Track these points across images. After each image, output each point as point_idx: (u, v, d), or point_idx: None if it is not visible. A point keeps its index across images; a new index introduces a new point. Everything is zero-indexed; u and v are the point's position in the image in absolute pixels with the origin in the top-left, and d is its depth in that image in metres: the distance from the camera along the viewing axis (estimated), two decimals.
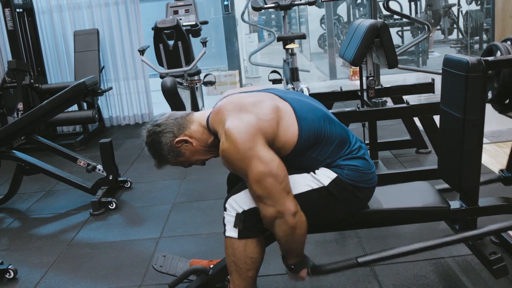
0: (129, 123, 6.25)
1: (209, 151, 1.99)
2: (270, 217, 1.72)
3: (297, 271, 1.88)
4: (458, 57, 1.87)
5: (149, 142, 1.98)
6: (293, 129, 1.78)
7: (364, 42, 3.17)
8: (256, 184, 1.69)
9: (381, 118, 3.68)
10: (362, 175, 1.86)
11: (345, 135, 1.90)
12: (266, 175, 1.68)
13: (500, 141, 4.04)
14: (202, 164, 2.07)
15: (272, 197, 1.69)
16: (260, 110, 1.77)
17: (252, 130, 1.71)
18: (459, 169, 1.91)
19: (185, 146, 1.95)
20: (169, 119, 1.97)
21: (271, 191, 1.69)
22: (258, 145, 1.70)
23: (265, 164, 1.68)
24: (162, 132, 1.95)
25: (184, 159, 1.99)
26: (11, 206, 3.75)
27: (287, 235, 1.75)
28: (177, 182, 3.92)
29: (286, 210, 1.69)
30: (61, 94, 3.45)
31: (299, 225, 1.73)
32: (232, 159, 1.72)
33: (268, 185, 1.68)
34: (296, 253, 1.85)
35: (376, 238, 2.67)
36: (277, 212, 1.70)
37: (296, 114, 1.81)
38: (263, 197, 1.70)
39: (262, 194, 1.70)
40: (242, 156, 1.69)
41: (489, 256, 1.91)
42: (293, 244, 1.80)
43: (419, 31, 8.35)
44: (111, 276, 2.60)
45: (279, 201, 1.69)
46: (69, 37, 5.99)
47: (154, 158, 2.03)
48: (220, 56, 8.64)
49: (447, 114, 1.96)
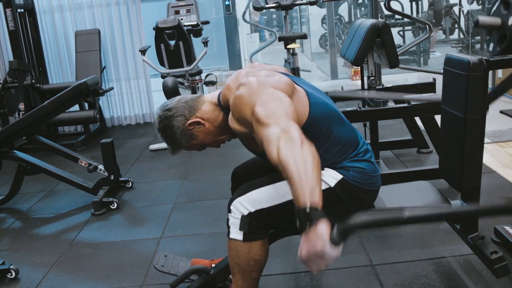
0: (130, 123, 6.26)
1: (223, 132, 1.97)
2: (274, 136, 1.52)
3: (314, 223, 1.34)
4: (459, 57, 1.87)
5: (161, 128, 1.97)
6: (304, 107, 1.77)
7: (365, 42, 3.17)
8: (261, 106, 1.63)
9: (382, 118, 3.68)
10: (367, 178, 1.85)
11: (353, 136, 1.89)
12: (271, 99, 1.65)
13: (501, 140, 4.04)
14: (216, 146, 2.04)
15: (276, 116, 1.58)
16: (272, 79, 1.76)
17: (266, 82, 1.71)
18: (460, 168, 1.91)
19: (198, 128, 1.94)
20: (179, 103, 1.96)
21: (275, 111, 1.61)
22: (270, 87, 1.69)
23: (273, 94, 1.67)
24: (173, 116, 1.93)
25: (198, 142, 1.98)
26: (13, 206, 3.75)
27: (294, 153, 1.45)
28: (178, 182, 3.92)
29: (291, 126, 1.54)
30: (63, 94, 3.46)
31: (308, 142, 1.49)
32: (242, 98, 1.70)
33: (272, 106, 1.63)
34: (310, 187, 1.39)
35: (377, 238, 2.67)
36: (282, 130, 1.52)
37: (309, 98, 1.80)
38: (266, 117, 1.59)
39: (266, 114, 1.60)
40: (253, 91, 1.68)
41: (490, 256, 1.90)
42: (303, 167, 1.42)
43: (420, 31, 8.34)
44: (112, 276, 2.60)
45: (283, 119, 1.57)
46: (70, 37, 5.99)
47: (168, 144, 2.01)
48: (221, 56, 8.64)
49: (449, 113, 1.96)
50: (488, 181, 3.16)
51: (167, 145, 2.03)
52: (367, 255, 2.51)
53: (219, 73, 7.56)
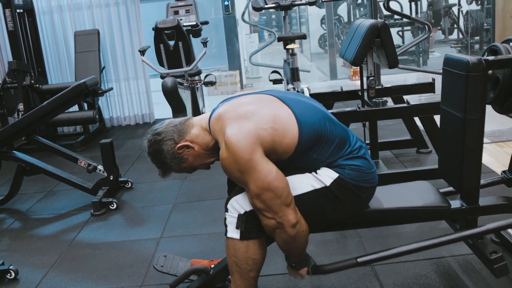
0: (130, 123, 6.26)
1: (212, 155, 1.98)
2: (270, 227, 1.76)
3: (298, 269, 1.95)
4: (459, 57, 1.87)
5: (151, 152, 1.98)
6: (293, 133, 1.78)
7: (364, 42, 3.17)
8: (256, 198, 1.72)
9: (381, 118, 3.68)
10: (363, 175, 1.86)
11: (345, 135, 1.90)
12: (265, 190, 1.69)
13: (500, 140, 4.04)
14: (207, 168, 2.06)
15: (272, 210, 1.72)
16: (259, 117, 1.77)
17: (251, 140, 1.71)
18: (459, 168, 1.91)
19: (187, 152, 1.95)
20: (168, 127, 1.97)
21: (270, 205, 1.71)
22: (257, 156, 1.70)
23: (264, 178, 1.69)
24: (162, 140, 1.94)
25: (188, 165, 1.99)
26: (12, 207, 3.75)
27: (287, 243, 1.80)
28: (178, 182, 3.92)
29: (285, 222, 1.73)
30: (62, 94, 3.46)
31: (299, 234, 1.77)
32: (231, 170, 1.74)
33: (267, 199, 1.70)
34: (297, 255, 1.91)
35: (376, 237, 2.67)
36: (277, 223, 1.73)
37: (296, 116, 1.80)
38: (262, 210, 1.73)
39: (262, 207, 1.73)
40: (241, 168, 1.70)
41: (490, 255, 1.91)
42: (294, 249, 1.86)
43: (419, 31, 8.35)
44: (112, 276, 2.60)
45: (278, 214, 1.72)
46: (69, 37, 5.99)
47: (158, 167, 2.02)
48: (220, 56, 8.65)
49: (448, 113, 1.96)
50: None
51: (157, 168, 2.04)
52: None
53: (218, 73, 7.57)
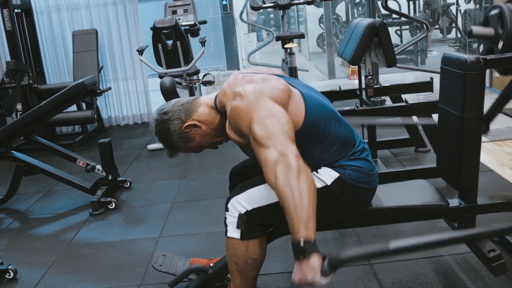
0: (128, 123, 6.26)
1: (219, 133, 1.97)
2: (271, 160, 1.55)
3: (306, 256, 1.45)
4: (457, 56, 1.87)
5: (158, 132, 1.98)
6: (300, 111, 1.77)
7: (362, 41, 3.17)
8: (258, 124, 1.63)
9: (380, 117, 3.68)
10: (364, 176, 1.86)
11: (350, 135, 1.89)
12: (269, 116, 1.64)
13: (498, 139, 4.05)
14: (214, 147, 2.05)
15: (274, 137, 1.59)
16: (271, 83, 1.77)
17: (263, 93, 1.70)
18: (458, 167, 1.91)
19: (194, 131, 1.94)
20: (175, 106, 1.96)
21: (273, 131, 1.61)
22: (266, 99, 1.68)
23: (270, 110, 1.66)
24: (169, 119, 1.94)
25: (195, 144, 1.98)
26: (11, 207, 3.75)
27: (291, 182, 1.50)
28: (177, 181, 3.92)
29: (288, 150, 1.56)
30: (60, 94, 3.45)
31: (304, 169, 1.53)
32: (238, 110, 1.69)
33: (269, 124, 1.62)
34: (305, 221, 1.47)
35: (375, 236, 2.67)
36: (279, 154, 1.54)
37: (305, 100, 1.80)
38: (264, 138, 1.60)
39: (264, 134, 1.61)
40: (250, 104, 1.67)
41: (488, 254, 1.91)
42: (299, 198, 1.48)
43: (417, 30, 8.35)
44: (111, 275, 2.60)
45: (280, 141, 1.58)
46: (67, 37, 5.99)
47: (165, 147, 2.02)
48: (218, 55, 8.65)
49: (446, 112, 1.97)
50: (485, 179, 3.17)
51: (165, 148, 2.04)
52: None
53: (216, 73, 7.55)
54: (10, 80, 5.02)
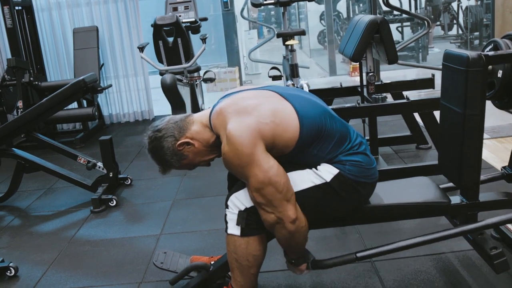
0: (129, 120, 6.25)
1: (212, 151, 1.98)
2: (270, 223, 1.76)
3: (297, 265, 1.97)
4: (458, 52, 1.87)
5: (151, 149, 1.98)
6: (294, 128, 1.78)
7: (363, 38, 3.16)
8: (256, 192, 1.72)
9: (381, 114, 3.68)
10: (363, 170, 1.86)
11: (345, 130, 1.89)
12: (265, 184, 1.69)
13: (500, 136, 4.04)
14: (207, 165, 2.06)
15: (272, 205, 1.72)
16: (260, 112, 1.77)
17: (252, 134, 1.71)
18: (459, 164, 1.91)
19: (188, 148, 1.94)
20: (169, 123, 1.96)
21: (270, 199, 1.72)
22: (258, 150, 1.70)
23: (265, 173, 1.69)
24: (163, 137, 1.94)
25: (188, 162, 1.99)
26: (12, 204, 3.75)
27: (286, 239, 1.81)
28: (177, 179, 3.92)
29: (285, 217, 1.73)
30: (61, 91, 3.45)
31: (299, 230, 1.78)
32: (232, 164, 1.74)
33: (267, 194, 1.71)
34: (297, 251, 1.93)
35: (376, 233, 2.67)
36: (277, 219, 1.74)
37: (297, 111, 1.80)
38: (262, 204, 1.74)
39: (262, 202, 1.73)
40: (243, 162, 1.70)
41: (490, 251, 1.91)
42: (293, 246, 1.87)
43: (419, 27, 8.34)
44: (112, 273, 2.60)
45: (278, 209, 1.72)
46: (68, 34, 5.98)
47: (158, 164, 2.02)
48: (219, 52, 8.64)
49: (447, 109, 1.96)
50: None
51: (157, 165, 2.03)
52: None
53: (217, 70, 7.55)
54: (11, 77, 5.02)
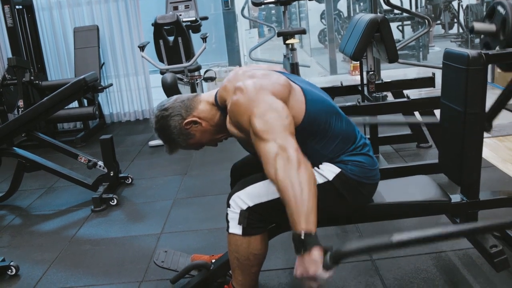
0: (130, 119, 6.25)
1: (220, 130, 1.96)
2: (271, 154, 1.56)
3: (308, 248, 1.45)
4: (459, 51, 1.87)
5: (158, 128, 1.97)
6: (301, 106, 1.76)
7: (364, 37, 3.16)
8: (259, 118, 1.63)
9: (381, 112, 3.67)
10: (366, 171, 1.85)
11: (351, 131, 1.89)
12: (269, 110, 1.64)
13: (501, 135, 4.04)
14: (214, 145, 2.04)
15: (274, 131, 1.60)
16: (272, 78, 1.76)
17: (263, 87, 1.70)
18: (459, 163, 1.91)
19: (195, 127, 1.93)
20: (175, 102, 1.95)
21: (272, 124, 1.61)
22: (267, 94, 1.68)
23: (270, 104, 1.66)
24: (170, 115, 1.93)
25: (195, 141, 1.97)
26: (12, 203, 3.75)
27: (291, 175, 1.51)
28: (178, 178, 3.92)
29: (288, 143, 1.57)
30: (62, 90, 3.45)
31: (304, 163, 1.54)
32: (239, 105, 1.69)
33: (270, 118, 1.62)
34: (305, 213, 1.48)
35: (377, 232, 2.67)
36: (279, 147, 1.55)
37: (306, 96, 1.80)
38: (264, 131, 1.60)
39: (263, 128, 1.61)
40: (250, 99, 1.67)
41: (490, 250, 1.91)
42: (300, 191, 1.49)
43: (419, 26, 8.33)
44: (112, 272, 2.61)
45: (280, 135, 1.59)
46: (69, 33, 5.98)
47: (165, 143, 2.02)
48: (220, 51, 8.63)
49: (448, 108, 1.96)
50: (487, 175, 3.16)
51: (164, 144, 2.03)
52: None
53: (218, 69, 7.54)
54: (12, 77, 5.02)
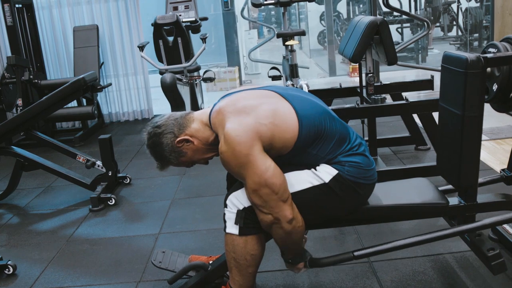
0: (129, 119, 6.25)
1: (211, 149, 1.98)
2: (267, 223, 1.77)
3: (295, 264, 1.98)
4: (457, 54, 1.87)
5: (150, 144, 1.98)
6: (293, 128, 1.78)
7: (363, 39, 3.16)
8: (253, 193, 1.73)
9: (380, 114, 3.68)
10: (362, 172, 1.86)
11: (345, 131, 1.90)
12: (261, 186, 1.70)
13: (499, 138, 4.05)
14: (205, 163, 2.06)
15: (268, 206, 1.73)
16: (259, 113, 1.77)
17: (250, 134, 1.72)
18: (458, 165, 1.91)
19: (187, 146, 1.95)
20: (168, 120, 1.97)
21: (267, 200, 1.73)
22: (255, 151, 1.71)
23: (261, 174, 1.70)
24: (162, 133, 1.94)
25: (186, 159, 1.99)
26: (10, 202, 3.75)
27: (283, 239, 1.82)
28: (177, 178, 3.92)
29: (282, 217, 1.74)
30: (61, 90, 3.45)
31: (296, 230, 1.79)
32: (229, 163, 1.75)
33: (264, 195, 1.72)
34: (293, 251, 1.93)
35: (374, 234, 2.68)
36: (274, 219, 1.75)
37: (296, 112, 1.81)
38: (259, 205, 1.75)
39: (259, 203, 1.74)
40: (239, 162, 1.71)
41: (488, 252, 1.91)
42: (290, 245, 1.88)
43: (418, 28, 8.35)
44: (110, 272, 2.61)
45: (275, 209, 1.73)
46: (68, 33, 5.98)
47: (156, 160, 2.02)
48: (219, 52, 8.63)
49: (446, 111, 1.96)
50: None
51: (156, 161, 2.04)
52: None
53: (217, 69, 7.56)
54: (11, 75, 5.02)
